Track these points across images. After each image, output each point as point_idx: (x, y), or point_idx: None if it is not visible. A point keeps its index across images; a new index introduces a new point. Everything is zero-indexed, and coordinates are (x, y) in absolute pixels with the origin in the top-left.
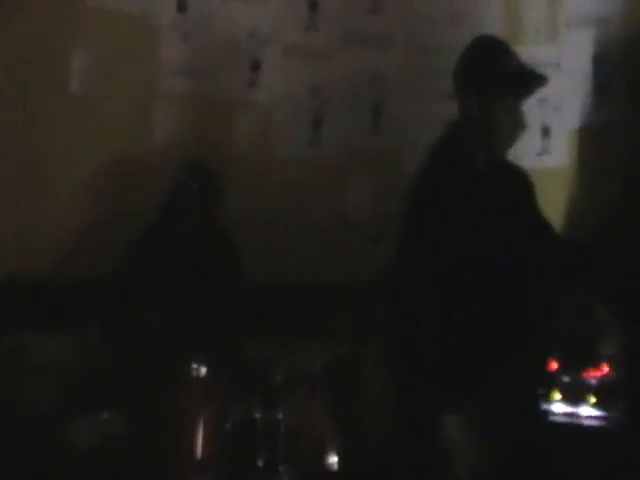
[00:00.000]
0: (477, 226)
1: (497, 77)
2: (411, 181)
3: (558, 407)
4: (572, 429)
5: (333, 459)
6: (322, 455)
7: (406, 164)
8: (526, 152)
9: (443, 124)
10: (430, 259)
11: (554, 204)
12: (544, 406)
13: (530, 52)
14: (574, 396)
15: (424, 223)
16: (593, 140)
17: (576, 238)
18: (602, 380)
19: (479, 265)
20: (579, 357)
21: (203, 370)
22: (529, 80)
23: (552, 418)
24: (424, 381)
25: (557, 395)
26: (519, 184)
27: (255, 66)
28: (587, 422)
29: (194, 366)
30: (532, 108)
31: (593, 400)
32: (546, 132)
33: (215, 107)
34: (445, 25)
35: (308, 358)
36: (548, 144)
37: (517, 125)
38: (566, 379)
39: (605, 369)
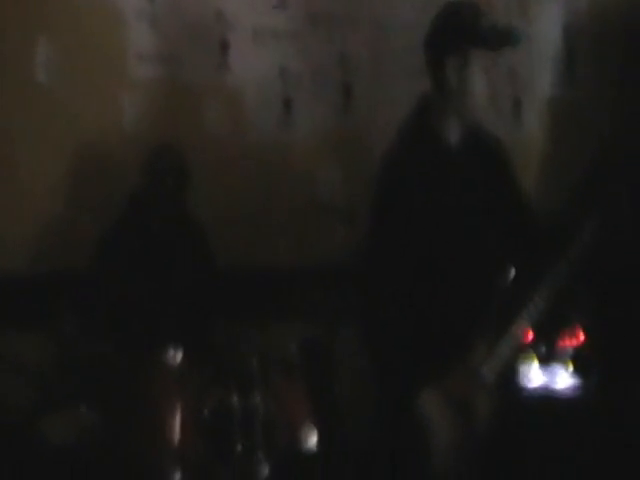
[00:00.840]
0: (451, 200)
1: (472, 32)
2: (383, 158)
3: (535, 376)
4: (548, 400)
5: (312, 441)
6: (300, 438)
7: (377, 143)
8: (499, 123)
9: (413, 101)
10: (403, 236)
11: (526, 174)
12: (520, 377)
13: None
14: (550, 364)
15: (397, 200)
16: (563, 112)
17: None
18: (578, 348)
19: (452, 240)
20: (555, 326)
21: (178, 357)
22: (504, 34)
23: (529, 389)
24: (398, 360)
25: (534, 364)
26: (493, 155)
27: (224, 49)
28: (563, 392)
29: (169, 353)
30: (503, 80)
31: (570, 367)
32: (517, 104)
33: (185, 92)
34: (413, 3)
35: (283, 341)
36: (519, 115)
37: (489, 89)
38: (543, 348)
39: (580, 337)
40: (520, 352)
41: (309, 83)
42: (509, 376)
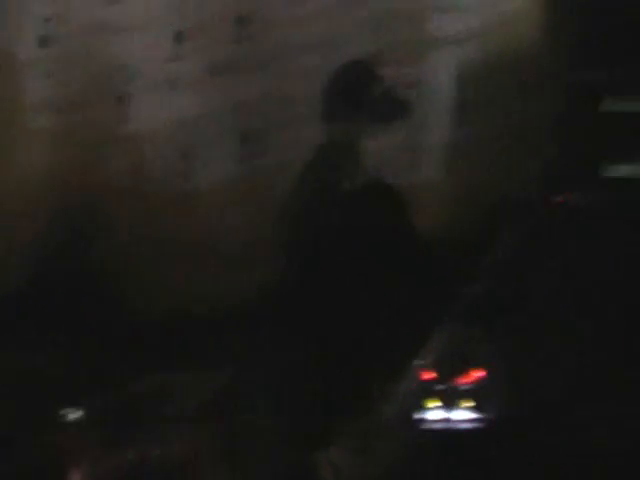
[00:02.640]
0: (349, 245)
1: (363, 103)
2: (283, 206)
3: (434, 414)
4: (449, 434)
5: None
6: None
7: (278, 190)
8: (396, 168)
9: (313, 149)
10: (304, 283)
11: (426, 219)
12: (420, 415)
13: (394, 71)
14: (450, 402)
15: (297, 246)
16: (457, 156)
17: (446, 252)
18: (477, 384)
19: (350, 285)
20: (453, 364)
21: (78, 414)
22: (395, 107)
23: (429, 426)
24: (301, 417)
25: (433, 403)
26: (386, 202)
27: (123, 100)
28: (464, 425)
29: (69, 411)
30: (398, 126)
31: (469, 404)
32: (413, 149)
33: (83, 143)
34: (313, 50)
35: (191, 390)
36: (416, 161)
37: (384, 147)
38: (441, 386)
39: (479, 373)
40: (421, 392)
41: (209, 133)
42: (411, 417)
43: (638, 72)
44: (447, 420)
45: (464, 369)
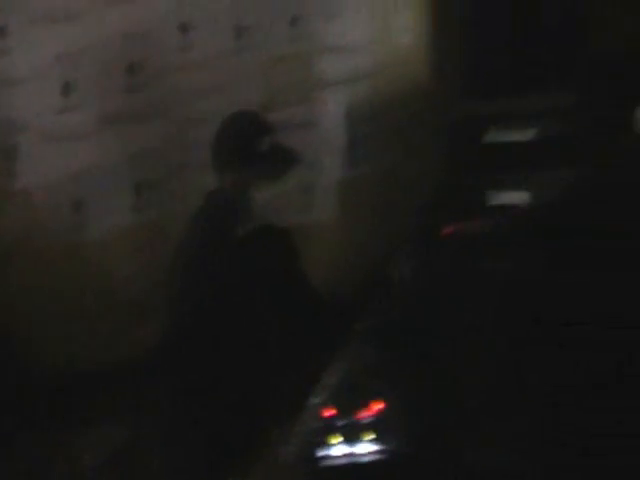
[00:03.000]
0: (242, 291)
1: (251, 158)
2: (174, 252)
3: (337, 450)
4: (353, 469)
5: None
6: None
7: (172, 239)
8: (289, 209)
9: (205, 196)
10: (197, 330)
11: (320, 259)
12: (323, 453)
13: (285, 113)
14: (352, 437)
15: (190, 295)
16: (352, 193)
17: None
18: (377, 416)
19: (241, 326)
20: (352, 399)
21: None
22: (283, 161)
23: (332, 463)
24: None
25: (335, 439)
26: (278, 246)
27: (11, 155)
28: (367, 459)
29: None
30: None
31: (371, 437)
32: (308, 189)
33: None
34: (204, 96)
35: (89, 448)
36: (310, 200)
37: (272, 199)
38: (342, 422)
39: (379, 405)
40: (322, 429)
41: (101, 184)
42: (311, 454)
43: (520, 104)
44: (350, 455)
45: (363, 402)
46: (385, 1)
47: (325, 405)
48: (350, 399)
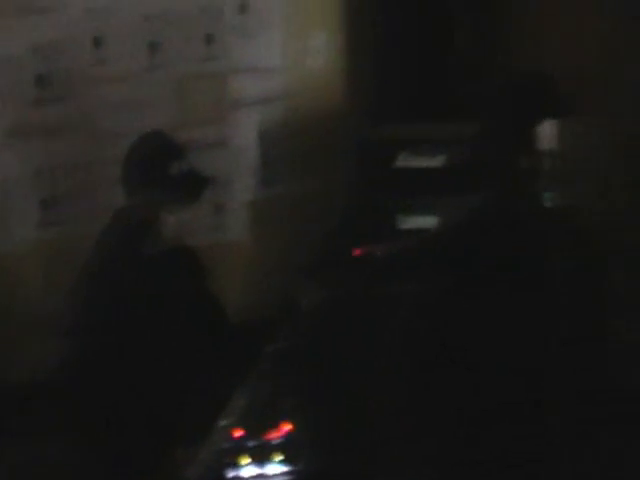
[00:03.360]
0: (146, 309)
1: (160, 182)
2: (82, 269)
3: (247, 471)
4: None
5: None
6: None
7: (78, 254)
8: (201, 229)
9: (114, 213)
10: (102, 345)
11: (233, 279)
12: (233, 474)
13: (197, 133)
14: (261, 457)
15: (95, 310)
16: (263, 213)
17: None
18: (286, 437)
19: (148, 345)
20: (261, 420)
21: None
22: (193, 187)
23: None
24: None
25: (244, 460)
26: (187, 266)
27: None
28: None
29: None
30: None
31: (280, 457)
32: (219, 209)
33: None
34: (116, 112)
35: None
36: (222, 221)
37: (181, 222)
38: (252, 443)
39: (288, 426)
40: (231, 450)
41: (7, 197)
42: (220, 475)
43: (429, 131)
44: (260, 476)
45: (272, 424)
46: (300, 23)
47: (234, 426)
48: (259, 420)
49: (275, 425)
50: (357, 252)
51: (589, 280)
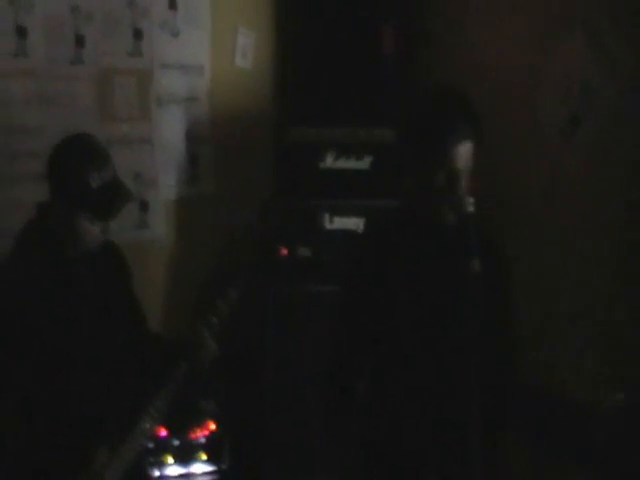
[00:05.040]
0: (66, 308)
1: (81, 194)
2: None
3: (172, 470)
4: None
5: None
6: None
7: None
8: (125, 226)
9: (33, 207)
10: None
11: (154, 276)
12: (157, 472)
13: (121, 129)
14: (186, 457)
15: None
16: (188, 211)
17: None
18: (210, 437)
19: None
20: (186, 420)
21: None
22: (114, 200)
23: None
24: None
25: (169, 459)
26: (109, 267)
27: None
28: (200, 479)
29: None
30: (128, 183)
31: (204, 457)
32: (144, 206)
33: None
34: (35, 105)
35: None
36: (146, 217)
37: (101, 232)
38: (176, 442)
39: (211, 427)
40: (150, 450)
41: None
42: (140, 472)
43: (356, 132)
44: (184, 475)
45: (196, 423)
46: (228, 22)
47: (159, 426)
48: (183, 420)
49: (199, 425)
50: (281, 252)
51: (498, 280)
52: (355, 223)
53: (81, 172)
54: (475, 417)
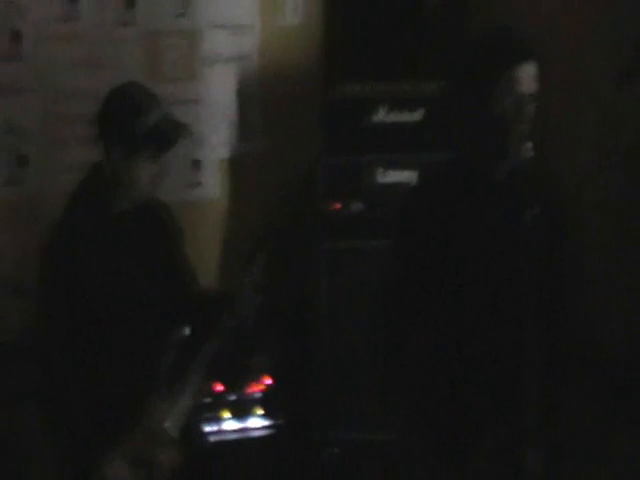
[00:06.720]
0: (118, 267)
1: (137, 131)
2: (53, 226)
3: (228, 425)
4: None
5: None
6: None
7: (50, 212)
8: (178, 185)
9: (87, 170)
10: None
11: (209, 236)
12: (210, 427)
13: (171, 89)
14: (242, 411)
15: (66, 269)
16: (239, 169)
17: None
18: (265, 392)
19: (121, 305)
20: (241, 375)
21: None
22: (170, 133)
23: (221, 437)
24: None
25: (226, 413)
26: (159, 227)
27: None
28: (256, 433)
29: None
30: (180, 143)
31: (260, 411)
32: (196, 165)
33: None
34: (84, 69)
35: None
36: (199, 176)
37: (158, 174)
38: (232, 397)
39: (267, 381)
40: (206, 404)
41: None
42: (196, 428)
43: (407, 85)
44: (241, 430)
45: (252, 378)
46: None
47: (215, 380)
48: (238, 375)
49: (254, 380)
50: (332, 206)
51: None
52: (408, 176)
53: (137, 111)
54: (533, 370)
